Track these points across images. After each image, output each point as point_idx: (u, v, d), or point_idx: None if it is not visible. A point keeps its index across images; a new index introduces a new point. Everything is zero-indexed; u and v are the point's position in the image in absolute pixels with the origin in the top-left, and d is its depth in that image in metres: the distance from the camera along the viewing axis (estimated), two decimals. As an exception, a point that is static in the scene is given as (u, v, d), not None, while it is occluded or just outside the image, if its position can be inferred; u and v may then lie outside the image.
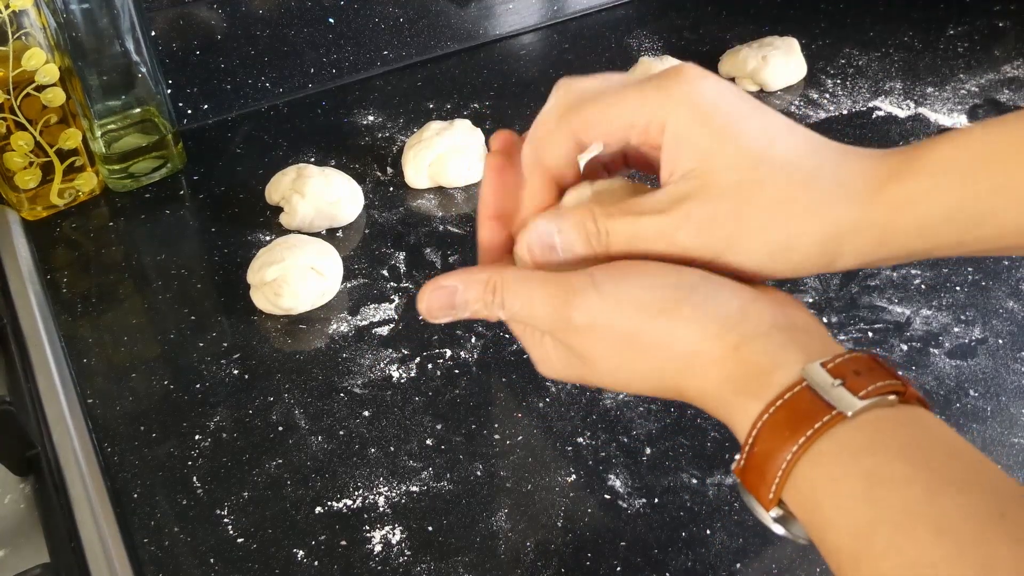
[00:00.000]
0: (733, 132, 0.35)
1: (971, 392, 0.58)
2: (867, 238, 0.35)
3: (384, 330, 0.64)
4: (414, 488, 0.53)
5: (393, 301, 0.66)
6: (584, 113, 0.37)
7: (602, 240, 0.37)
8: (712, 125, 0.35)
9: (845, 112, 0.85)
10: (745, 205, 0.35)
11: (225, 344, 0.63)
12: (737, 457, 0.33)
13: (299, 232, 0.71)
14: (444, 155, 0.75)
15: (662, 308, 0.35)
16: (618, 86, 0.37)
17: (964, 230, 0.34)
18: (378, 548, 0.50)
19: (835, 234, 0.35)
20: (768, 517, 0.32)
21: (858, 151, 0.36)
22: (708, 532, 0.50)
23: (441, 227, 0.73)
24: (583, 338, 0.36)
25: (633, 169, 0.42)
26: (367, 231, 0.73)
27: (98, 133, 0.74)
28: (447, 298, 0.38)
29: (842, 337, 0.62)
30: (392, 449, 0.55)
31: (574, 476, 0.53)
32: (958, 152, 0.34)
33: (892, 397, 0.31)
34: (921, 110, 0.84)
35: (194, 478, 0.54)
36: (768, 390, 0.32)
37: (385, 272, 0.69)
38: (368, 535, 0.50)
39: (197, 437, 0.56)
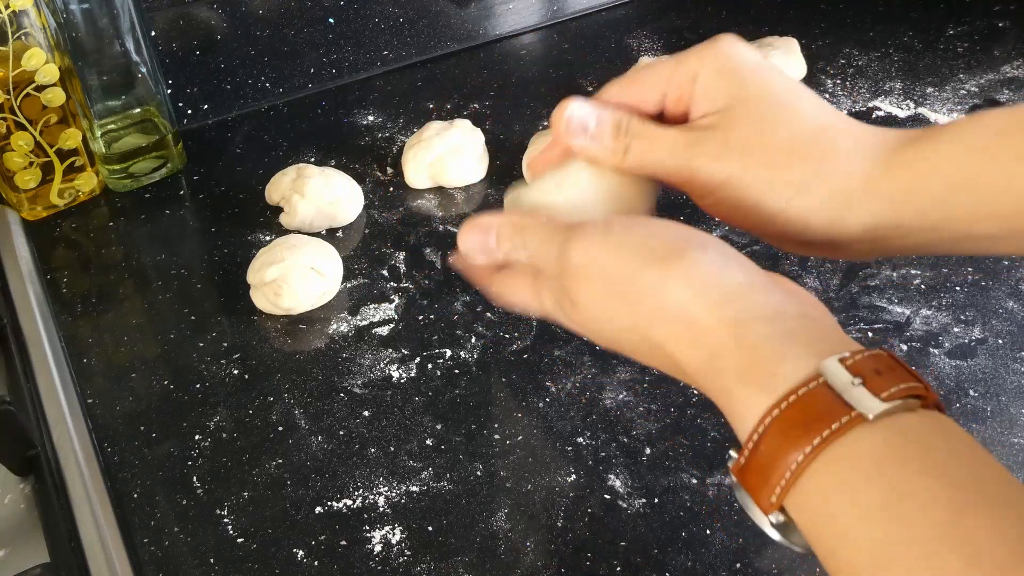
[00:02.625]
0: (759, 81, 0.37)
1: (971, 392, 0.58)
2: (875, 197, 0.35)
3: (384, 330, 0.64)
4: (414, 488, 0.53)
5: (393, 301, 0.66)
6: (637, 77, 0.40)
7: (625, 140, 0.39)
8: (740, 75, 0.37)
9: (845, 112, 0.84)
10: (766, 135, 0.36)
11: (225, 344, 0.63)
12: (734, 454, 0.30)
13: (299, 232, 0.71)
14: (444, 155, 0.75)
15: (661, 257, 0.33)
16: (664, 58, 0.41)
17: (973, 204, 0.34)
18: (378, 548, 0.50)
19: (846, 188, 0.35)
20: (766, 522, 0.30)
21: (871, 126, 0.38)
22: (708, 532, 0.50)
23: (441, 227, 0.73)
24: (577, 280, 0.35)
25: None
26: (367, 231, 0.73)
27: (98, 133, 0.74)
28: (482, 240, 0.39)
29: (842, 337, 0.62)
30: (392, 449, 0.55)
31: (574, 476, 0.53)
32: (975, 127, 0.35)
33: (914, 400, 0.28)
34: (921, 110, 0.84)
35: (194, 478, 0.54)
36: (777, 382, 0.29)
37: (385, 272, 0.69)
38: (368, 535, 0.50)
39: (197, 437, 0.56)
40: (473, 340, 0.62)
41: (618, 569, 0.48)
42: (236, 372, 0.61)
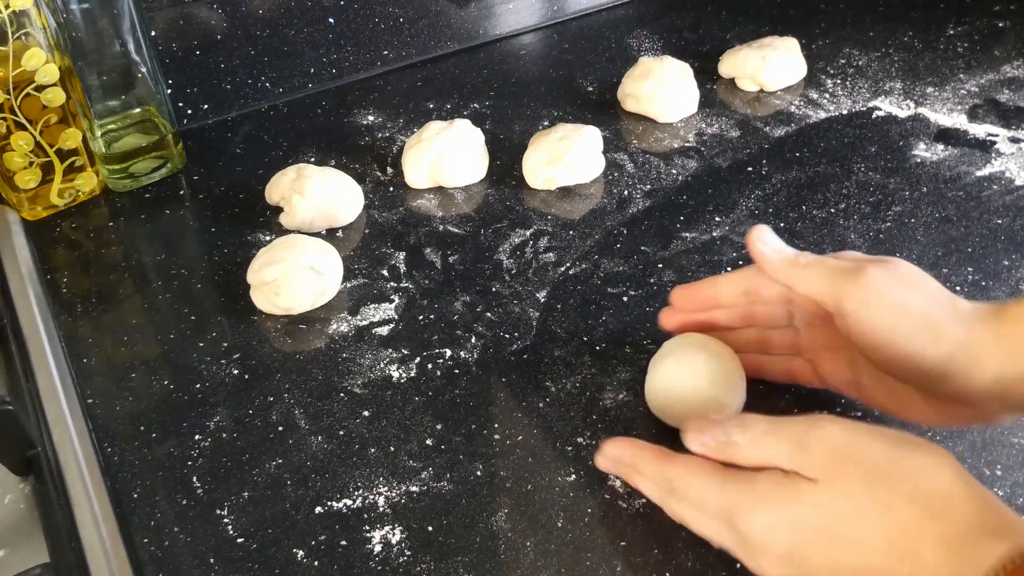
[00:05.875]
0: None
1: (971, 392, 0.58)
2: (999, 347, 0.47)
3: (384, 330, 0.64)
4: (414, 488, 0.53)
5: (393, 301, 0.66)
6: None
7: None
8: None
9: (845, 112, 0.85)
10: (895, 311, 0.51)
11: (225, 344, 0.63)
12: None
13: (299, 232, 0.71)
14: (444, 155, 0.75)
15: (917, 442, 0.41)
16: None
17: None
18: (378, 548, 0.50)
19: (970, 341, 0.48)
20: None
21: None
22: (708, 532, 0.50)
23: (441, 227, 0.73)
24: (838, 462, 0.41)
25: None
26: (367, 231, 0.73)
27: (98, 133, 0.74)
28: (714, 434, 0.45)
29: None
30: (392, 449, 0.55)
31: (574, 476, 0.53)
32: None
33: None
34: (921, 110, 0.84)
35: (194, 478, 0.54)
36: (1018, 535, 0.37)
37: (385, 272, 0.69)
38: (368, 535, 0.51)
39: (197, 437, 0.56)
40: (473, 340, 0.62)
41: (618, 569, 0.48)
42: (236, 372, 0.61)
